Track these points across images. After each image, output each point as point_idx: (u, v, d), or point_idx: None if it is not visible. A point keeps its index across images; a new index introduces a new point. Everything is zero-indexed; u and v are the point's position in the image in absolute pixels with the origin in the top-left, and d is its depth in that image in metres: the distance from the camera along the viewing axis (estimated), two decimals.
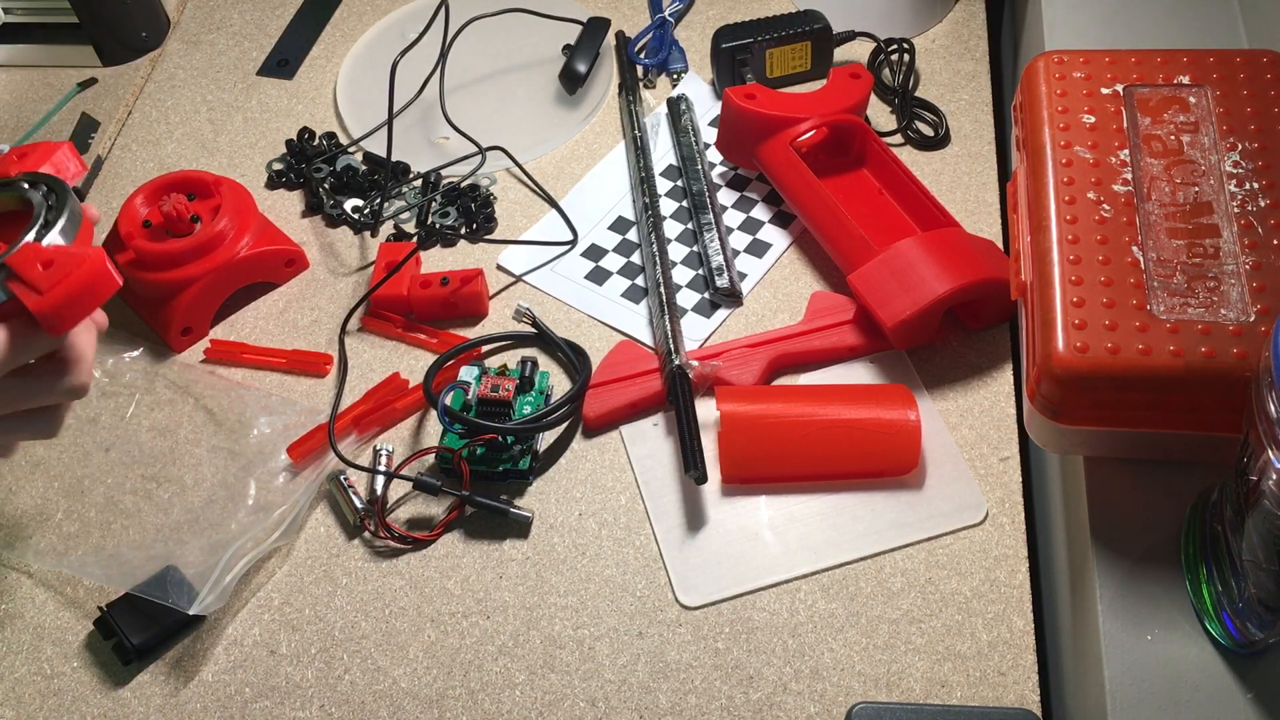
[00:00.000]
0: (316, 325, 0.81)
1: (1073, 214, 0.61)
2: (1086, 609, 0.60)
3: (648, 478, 0.71)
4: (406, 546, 0.70)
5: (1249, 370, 0.53)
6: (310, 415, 0.75)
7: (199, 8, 1.06)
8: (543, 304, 0.81)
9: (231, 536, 0.69)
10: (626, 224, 0.85)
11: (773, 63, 0.91)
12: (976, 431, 0.71)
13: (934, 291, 0.70)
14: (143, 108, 0.98)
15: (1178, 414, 0.56)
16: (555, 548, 0.69)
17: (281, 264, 0.83)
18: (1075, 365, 0.56)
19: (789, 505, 0.69)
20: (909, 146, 0.87)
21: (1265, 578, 0.51)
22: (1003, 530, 0.67)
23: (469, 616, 0.67)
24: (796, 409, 0.69)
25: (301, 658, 0.66)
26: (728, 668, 0.63)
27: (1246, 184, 0.60)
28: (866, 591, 0.65)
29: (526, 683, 0.64)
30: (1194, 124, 0.64)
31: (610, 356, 0.75)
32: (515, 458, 0.71)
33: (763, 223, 0.84)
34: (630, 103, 0.90)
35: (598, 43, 0.93)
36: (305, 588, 0.69)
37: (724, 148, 0.86)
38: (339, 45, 1.01)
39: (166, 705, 0.65)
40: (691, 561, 0.67)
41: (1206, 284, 0.57)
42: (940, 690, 0.62)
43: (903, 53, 0.91)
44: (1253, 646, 0.54)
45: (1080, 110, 0.65)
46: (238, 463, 0.73)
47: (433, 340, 0.79)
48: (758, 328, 0.78)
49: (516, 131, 0.91)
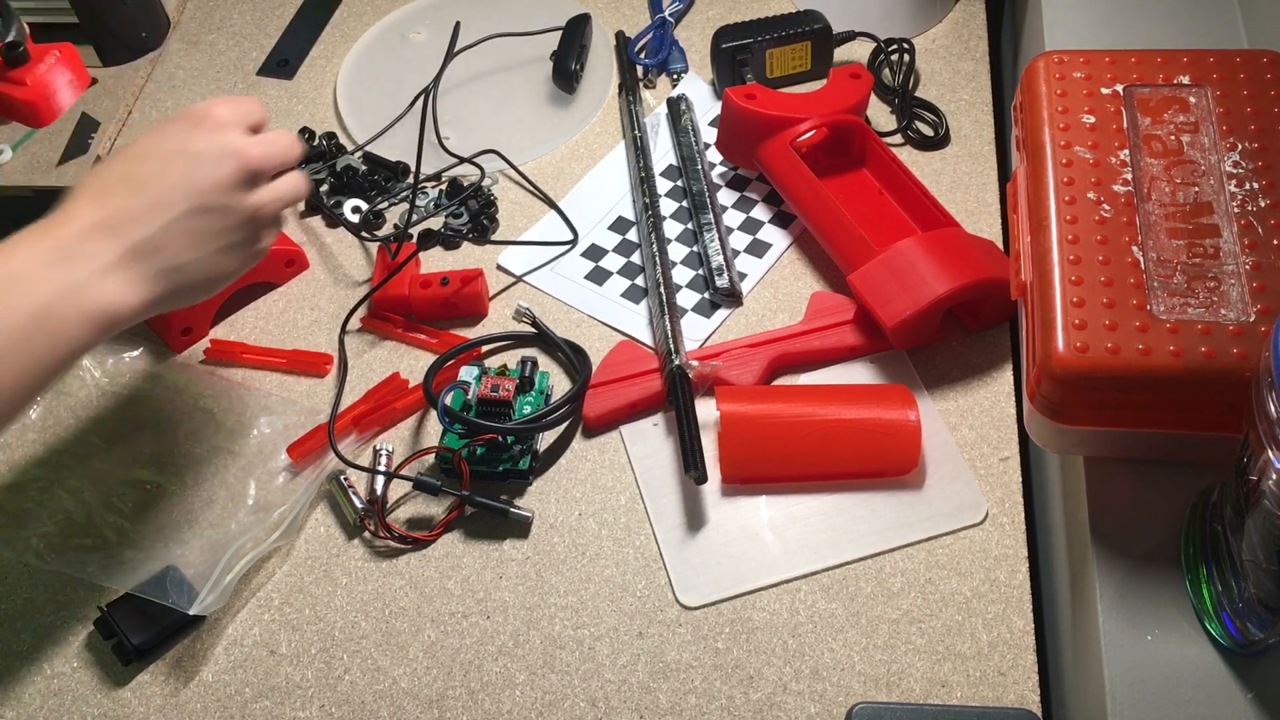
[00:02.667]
0: (316, 325, 0.81)
1: (1073, 214, 0.61)
2: (1086, 609, 0.60)
3: (648, 478, 0.71)
4: (406, 546, 0.70)
5: (1249, 370, 0.53)
6: (310, 415, 0.75)
7: (199, 8, 1.06)
8: (543, 304, 0.81)
9: (231, 536, 0.69)
10: (626, 224, 0.85)
11: (773, 63, 0.91)
12: (976, 431, 0.71)
13: (934, 291, 0.70)
14: (143, 108, 0.98)
15: (1178, 414, 0.56)
16: (555, 548, 0.69)
17: (281, 264, 0.83)
18: (1075, 365, 0.56)
19: (789, 505, 0.69)
20: (909, 146, 0.87)
21: (1265, 578, 0.51)
22: (1003, 530, 0.67)
23: (469, 616, 0.67)
24: (796, 409, 0.69)
25: (301, 658, 0.66)
26: (728, 668, 0.63)
27: (1246, 184, 0.60)
28: (866, 591, 0.65)
29: (526, 683, 0.64)
30: (1194, 124, 0.64)
31: (610, 356, 0.75)
32: (515, 458, 0.71)
33: (763, 223, 0.84)
34: (630, 103, 0.90)
35: (579, 37, 0.93)
36: (305, 588, 0.69)
37: (724, 148, 0.86)
38: (339, 45, 1.01)
39: (166, 705, 0.65)
40: (691, 561, 0.67)
41: (1206, 284, 0.57)
42: (940, 690, 0.62)
43: (903, 53, 0.91)
44: (1253, 646, 0.54)
45: (1080, 110, 0.65)
46: (238, 463, 0.73)
47: (433, 340, 0.79)
48: (758, 328, 0.78)
49: (517, 132, 0.91)
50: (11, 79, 0.72)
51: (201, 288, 0.63)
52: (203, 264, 0.62)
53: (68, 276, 0.56)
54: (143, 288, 0.59)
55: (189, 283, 0.62)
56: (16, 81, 0.72)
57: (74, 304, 0.56)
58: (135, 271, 0.58)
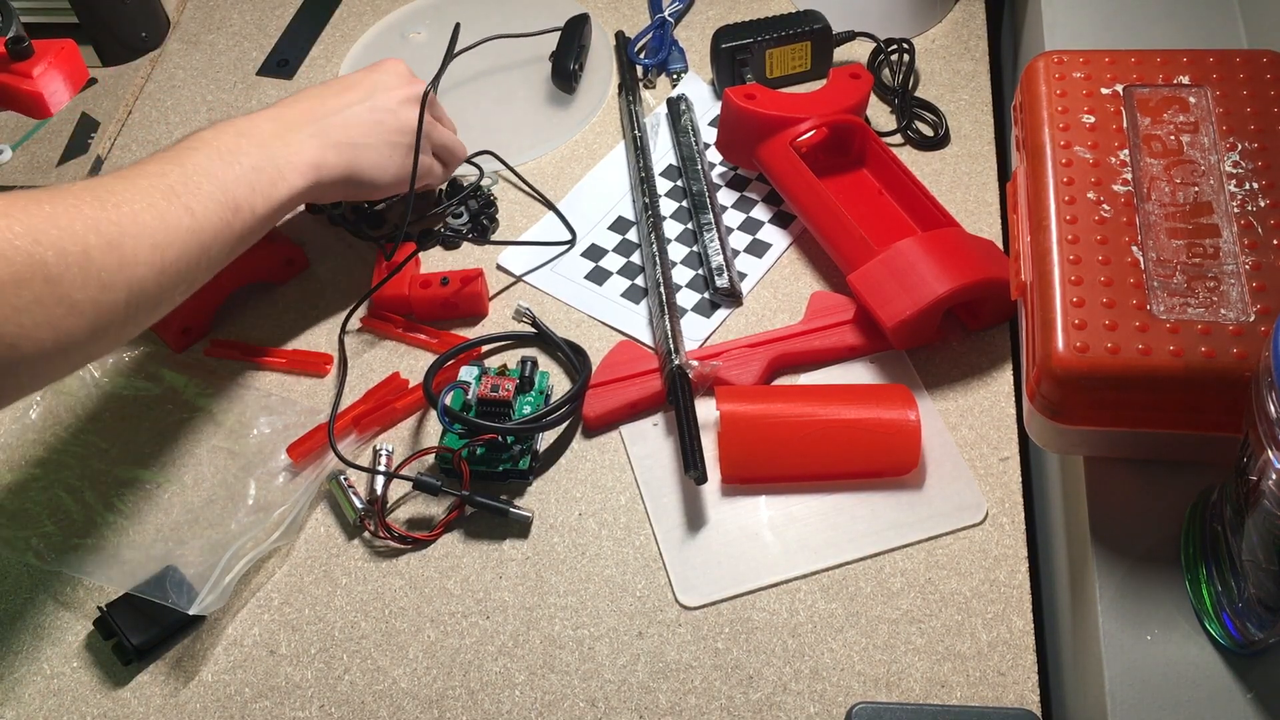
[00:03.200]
0: (316, 325, 0.81)
1: (1073, 214, 0.61)
2: (1086, 609, 0.60)
3: (648, 478, 0.71)
4: (406, 546, 0.70)
5: (1249, 370, 0.53)
6: (310, 415, 0.75)
7: (199, 8, 1.06)
8: (543, 304, 0.81)
9: (231, 536, 0.69)
10: (626, 224, 0.85)
11: (773, 63, 0.91)
12: (976, 431, 0.71)
13: (934, 291, 0.70)
14: (142, 108, 0.98)
15: (1178, 414, 0.56)
16: (555, 548, 0.69)
17: (281, 264, 0.83)
18: (1075, 365, 0.56)
19: (789, 505, 0.69)
20: (909, 146, 0.87)
21: (1265, 578, 0.51)
22: (1003, 530, 0.67)
23: (469, 616, 0.67)
24: (796, 409, 0.69)
25: (301, 658, 0.66)
26: (728, 668, 0.63)
27: (1246, 184, 0.60)
28: (866, 591, 0.65)
29: (526, 683, 0.64)
30: (1194, 124, 0.64)
31: (610, 356, 0.75)
32: (515, 458, 0.71)
33: (763, 223, 0.84)
34: (630, 103, 0.90)
35: (578, 37, 0.93)
36: (305, 588, 0.69)
37: (724, 148, 0.86)
38: (339, 45, 1.01)
39: (166, 705, 0.65)
40: (691, 561, 0.67)
41: (1206, 284, 0.57)
42: (940, 690, 0.62)
43: (903, 53, 0.91)
44: (1253, 646, 0.54)
45: (1080, 110, 0.65)
46: (238, 463, 0.73)
47: (433, 340, 0.79)
48: (758, 328, 0.78)
49: (517, 133, 0.91)
50: (15, 71, 0.75)
51: (372, 175, 0.75)
52: (376, 153, 0.75)
53: (280, 144, 0.70)
54: (330, 153, 0.72)
55: (367, 165, 0.75)
56: (21, 74, 0.75)
57: (285, 159, 0.70)
58: (310, 158, 0.71)
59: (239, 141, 0.68)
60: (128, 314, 0.60)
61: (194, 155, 0.66)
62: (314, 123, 0.73)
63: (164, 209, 0.62)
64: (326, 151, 0.72)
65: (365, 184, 0.75)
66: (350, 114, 0.74)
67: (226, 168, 0.66)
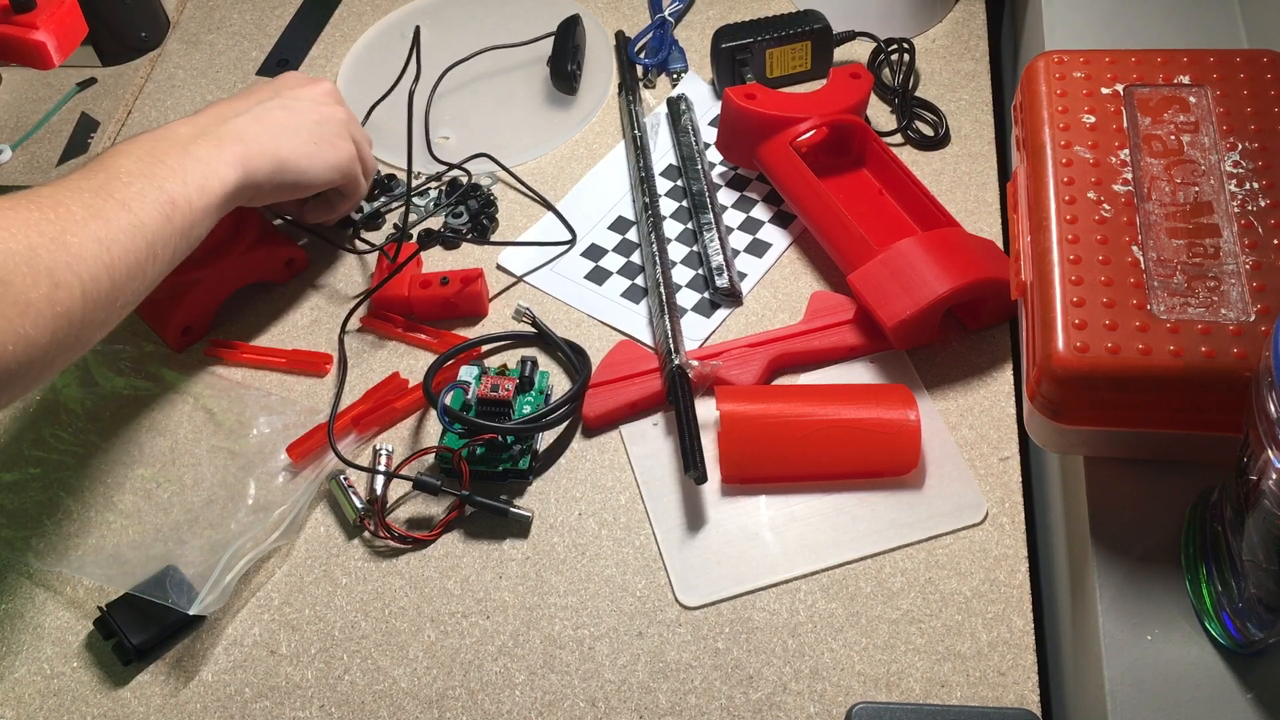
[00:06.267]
0: (316, 325, 0.81)
1: (1073, 214, 0.61)
2: (1086, 609, 0.60)
3: (648, 478, 0.71)
4: (406, 546, 0.70)
5: (1249, 370, 0.53)
6: (310, 415, 0.75)
7: (199, 8, 1.06)
8: (543, 304, 0.81)
9: (231, 536, 0.69)
10: (626, 224, 0.85)
11: (773, 63, 0.91)
12: (976, 431, 0.71)
13: (934, 291, 0.70)
14: (142, 108, 0.98)
15: (1178, 414, 0.56)
16: (555, 547, 0.69)
17: (281, 264, 0.83)
18: (1075, 365, 0.56)
19: (789, 505, 0.69)
20: (909, 146, 0.87)
21: (1265, 578, 0.51)
22: (1003, 530, 0.67)
23: (469, 616, 0.67)
24: (796, 409, 0.69)
25: (301, 658, 0.66)
26: (728, 668, 0.63)
27: (1246, 184, 0.60)
28: (866, 591, 0.65)
29: (526, 683, 0.64)
30: (1194, 124, 0.64)
31: (610, 356, 0.75)
32: (515, 457, 0.71)
33: (763, 223, 0.84)
34: (630, 103, 0.90)
35: (572, 37, 0.93)
36: (305, 588, 0.69)
37: (724, 148, 0.86)
38: (339, 45, 1.01)
39: (166, 705, 0.65)
40: (691, 561, 0.67)
41: (1206, 284, 0.57)
42: (940, 690, 0.62)
43: (903, 53, 0.91)
44: (1253, 646, 0.54)
45: (1080, 110, 0.65)
46: (237, 463, 0.73)
47: (433, 340, 0.79)
48: (758, 328, 0.78)
49: (516, 133, 0.91)
50: (18, 22, 0.77)
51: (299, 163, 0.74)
52: (299, 139, 0.74)
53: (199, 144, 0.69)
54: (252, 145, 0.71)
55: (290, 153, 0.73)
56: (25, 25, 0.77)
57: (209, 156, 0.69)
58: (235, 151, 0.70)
59: (158, 145, 0.67)
60: (85, 313, 0.59)
61: (116, 159, 0.65)
62: (228, 122, 0.72)
63: (100, 206, 0.61)
64: (249, 144, 0.71)
65: (293, 172, 0.74)
66: (262, 109, 0.74)
67: (152, 167, 0.65)
